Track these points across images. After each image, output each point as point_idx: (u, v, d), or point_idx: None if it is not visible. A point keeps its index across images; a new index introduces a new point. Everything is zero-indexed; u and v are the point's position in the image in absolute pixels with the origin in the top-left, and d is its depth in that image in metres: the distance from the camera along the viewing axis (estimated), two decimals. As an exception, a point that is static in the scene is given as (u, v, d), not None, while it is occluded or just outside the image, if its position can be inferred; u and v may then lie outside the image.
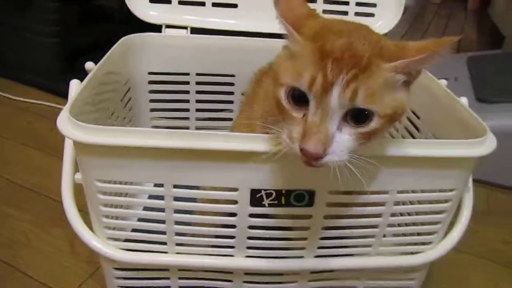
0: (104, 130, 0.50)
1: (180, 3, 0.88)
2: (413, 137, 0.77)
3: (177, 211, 0.57)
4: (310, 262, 0.62)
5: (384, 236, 0.62)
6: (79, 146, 0.53)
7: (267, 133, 0.53)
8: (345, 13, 0.91)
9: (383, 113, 0.45)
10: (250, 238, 0.59)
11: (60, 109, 0.53)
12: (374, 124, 0.45)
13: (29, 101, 1.26)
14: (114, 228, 0.60)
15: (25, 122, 1.18)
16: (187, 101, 0.92)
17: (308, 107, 0.44)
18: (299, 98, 0.45)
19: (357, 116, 0.44)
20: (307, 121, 0.44)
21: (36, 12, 1.22)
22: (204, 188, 0.57)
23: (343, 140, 0.45)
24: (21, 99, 1.28)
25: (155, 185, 0.56)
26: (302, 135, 0.44)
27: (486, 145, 0.56)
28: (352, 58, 0.43)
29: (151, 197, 0.58)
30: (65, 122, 0.51)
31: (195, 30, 0.89)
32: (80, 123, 0.50)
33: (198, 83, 0.90)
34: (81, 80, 0.63)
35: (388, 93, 0.45)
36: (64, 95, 0.64)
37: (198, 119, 0.94)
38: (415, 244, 0.64)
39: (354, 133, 0.45)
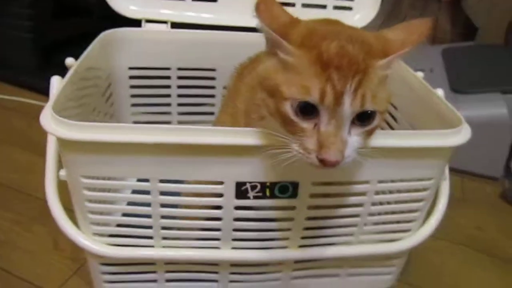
0: (88, 127, 0.50)
1: (159, -3, 0.87)
2: (392, 128, 0.80)
3: (163, 205, 0.58)
4: (294, 252, 0.64)
5: (365, 225, 0.64)
6: (63, 143, 0.53)
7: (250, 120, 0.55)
8: (324, 6, 0.92)
9: (383, 109, 0.47)
10: (235, 230, 0.60)
11: (37, 105, 0.53)
12: (376, 121, 0.47)
13: (5, 98, 1.24)
14: (100, 224, 0.60)
15: (3, 119, 1.16)
16: (169, 95, 0.92)
17: (316, 116, 0.45)
18: (306, 110, 0.45)
19: (362, 117, 0.46)
20: (321, 132, 0.45)
21: (10, 6, 1.19)
22: (190, 182, 0.58)
23: (353, 142, 0.47)
24: (-2, 96, 1.25)
25: (139, 180, 0.57)
26: (319, 146, 0.45)
27: (461, 135, 0.58)
28: (352, 64, 0.44)
29: (135, 191, 0.59)
30: (48, 119, 0.51)
31: (175, 25, 0.88)
32: (64, 120, 0.50)
33: (179, 77, 0.90)
34: (59, 75, 0.63)
35: (382, 89, 0.47)
36: (40, 90, 0.63)
37: (180, 113, 0.94)
38: (395, 232, 0.66)
39: (361, 133, 0.47)
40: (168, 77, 0.90)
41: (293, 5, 0.92)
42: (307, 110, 0.45)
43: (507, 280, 0.81)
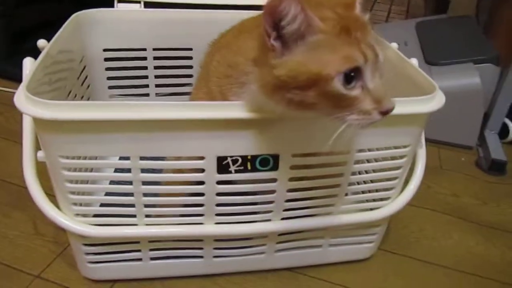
0: (64, 105, 0.50)
1: (131, -24, 0.86)
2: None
3: (145, 183, 0.58)
4: (277, 225, 0.65)
5: (346, 194, 0.65)
6: (40, 123, 0.52)
7: (227, 100, 0.55)
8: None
9: None
10: (218, 205, 0.61)
11: (9, 93, 0.52)
12: None
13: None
14: (81, 204, 0.60)
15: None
16: (146, 77, 0.91)
17: (359, 80, 0.46)
18: (349, 79, 0.45)
19: None
20: (371, 89, 0.47)
21: (-24, -9, 1.15)
22: (171, 159, 0.58)
23: None
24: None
25: (121, 158, 0.56)
26: (377, 101, 0.47)
27: (435, 101, 0.59)
28: (357, 21, 0.48)
29: (117, 170, 0.59)
30: (22, 100, 0.51)
31: (148, 4, 0.87)
32: (39, 99, 0.49)
33: (155, 58, 0.89)
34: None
35: None
36: (11, 77, 0.62)
37: (158, 94, 0.93)
38: (375, 200, 0.68)
39: None
40: (144, 58, 0.89)
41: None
42: (350, 78, 0.46)
43: (484, 243, 0.84)
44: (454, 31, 1.33)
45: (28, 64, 0.62)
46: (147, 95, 0.93)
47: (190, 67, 0.91)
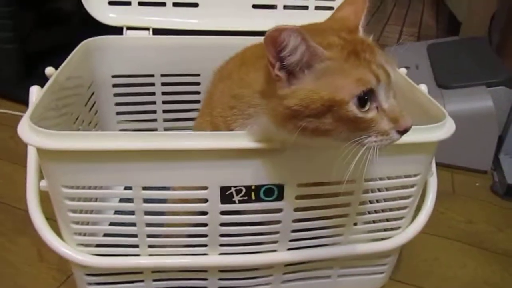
0: (66, 135, 0.49)
1: (140, 4, 0.87)
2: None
3: (147, 212, 0.57)
4: (283, 255, 0.63)
5: (354, 224, 0.63)
6: (43, 153, 0.52)
7: (231, 130, 0.54)
8: (306, 7, 0.92)
9: None
10: (222, 235, 0.60)
11: (21, 116, 0.52)
12: None
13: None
14: (83, 234, 0.59)
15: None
16: (154, 102, 0.91)
17: (374, 101, 0.46)
18: (363, 101, 0.45)
19: None
20: (387, 109, 0.47)
21: (-10, 18, 1.18)
22: (174, 188, 0.57)
23: None
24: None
25: (126, 188, 0.56)
26: (394, 121, 0.47)
27: (445, 129, 0.58)
28: (364, 43, 0.48)
29: (122, 200, 0.58)
30: (26, 129, 0.51)
31: (157, 31, 0.88)
32: (41, 129, 0.49)
33: (163, 84, 0.90)
34: (42, 86, 0.62)
35: None
36: (24, 101, 0.62)
37: (165, 120, 0.93)
38: (384, 230, 0.66)
39: None
40: (152, 84, 0.89)
41: (274, 7, 0.92)
42: (364, 101, 0.45)
43: (500, 272, 0.81)
44: (466, 53, 1.31)
45: (35, 92, 0.62)
46: (155, 120, 0.92)
47: (198, 92, 0.91)
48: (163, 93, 0.90)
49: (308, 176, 0.57)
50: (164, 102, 0.91)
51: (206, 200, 0.56)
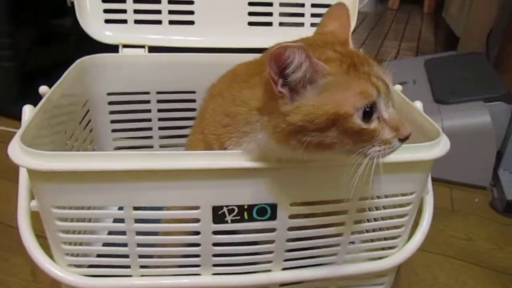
0: (55, 156, 0.49)
1: (136, 22, 0.87)
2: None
3: (139, 233, 0.56)
4: (277, 275, 0.62)
5: (349, 243, 0.62)
6: (32, 173, 0.51)
7: (225, 149, 0.54)
8: (301, 24, 0.93)
9: None
10: (215, 255, 0.59)
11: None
12: None
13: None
14: (74, 255, 0.58)
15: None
16: (149, 120, 0.91)
17: (375, 112, 0.47)
18: (365, 113, 0.46)
19: None
20: (388, 118, 0.48)
21: (-11, 36, 1.18)
22: (168, 208, 0.57)
23: None
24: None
25: (119, 208, 0.55)
26: (396, 129, 0.48)
27: (440, 147, 0.57)
28: (359, 56, 0.49)
29: (116, 220, 0.57)
30: (16, 149, 0.50)
31: (152, 48, 0.88)
32: (30, 149, 0.49)
33: (159, 101, 0.89)
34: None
35: None
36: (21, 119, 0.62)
37: (161, 137, 0.92)
38: (380, 249, 0.65)
39: None
40: (148, 101, 0.89)
41: (270, 24, 0.92)
42: (367, 113, 0.46)
43: (500, 291, 0.80)
44: (464, 68, 1.32)
45: (28, 112, 0.62)
46: (150, 137, 0.92)
47: (194, 109, 0.90)
48: (159, 110, 0.90)
49: (301, 195, 0.56)
50: (160, 119, 0.91)
51: (198, 220, 0.55)
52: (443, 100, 1.14)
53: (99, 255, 0.59)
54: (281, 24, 0.92)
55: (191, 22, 0.89)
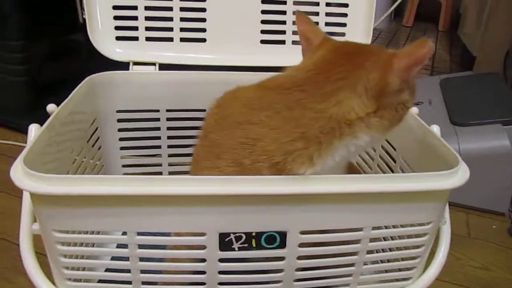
0: (57, 179, 0.47)
1: (147, 39, 0.86)
2: (389, 167, 0.76)
3: (142, 259, 0.54)
4: (286, 306, 0.59)
5: (362, 274, 0.59)
6: (34, 196, 0.50)
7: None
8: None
9: None
10: (221, 283, 0.56)
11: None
12: None
13: (-6, 141, 1.23)
14: (76, 280, 0.56)
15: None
16: (159, 137, 0.89)
17: None
18: None
19: None
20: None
21: (1, 51, 1.19)
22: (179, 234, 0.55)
23: None
24: (-16, 138, 1.24)
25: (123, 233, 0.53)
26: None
27: (459, 176, 0.54)
28: None
29: (119, 245, 0.55)
30: (18, 171, 0.49)
31: (163, 65, 0.87)
32: (32, 172, 0.47)
33: (168, 119, 0.88)
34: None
35: None
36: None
37: (170, 155, 0.91)
38: (394, 280, 0.62)
39: None
40: (157, 119, 0.88)
41: (283, 42, 0.91)
42: None
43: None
44: (481, 89, 1.28)
45: (34, 131, 0.61)
46: (159, 155, 0.91)
47: (203, 128, 0.89)
48: (168, 128, 0.89)
49: (312, 223, 0.54)
50: (169, 137, 0.89)
51: (204, 247, 0.53)
52: (460, 122, 1.11)
53: (101, 281, 0.57)
54: (294, 42, 0.91)
55: (203, 40, 0.88)
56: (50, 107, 0.65)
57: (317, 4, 0.89)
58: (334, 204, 0.53)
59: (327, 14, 0.90)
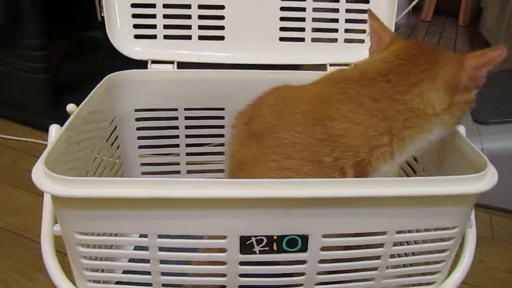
0: (78, 182, 0.47)
1: (165, 37, 0.86)
2: (411, 167, 0.75)
3: (163, 261, 0.54)
4: (307, 309, 0.58)
5: (385, 278, 0.58)
6: (55, 199, 0.50)
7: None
8: (335, 40, 0.90)
9: None
10: (241, 287, 0.56)
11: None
12: None
13: (14, 139, 1.24)
14: (97, 281, 0.56)
15: (9, 161, 1.16)
16: (177, 136, 0.89)
17: None
18: None
19: None
20: None
21: (22, 49, 1.20)
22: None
23: None
24: (5, 136, 1.25)
25: (141, 235, 0.53)
26: None
27: (487, 180, 0.53)
28: None
29: (137, 248, 0.55)
30: (39, 173, 0.49)
31: (181, 64, 0.86)
32: (53, 174, 0.47)
33: (187, 117, 0.88)
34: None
35: None
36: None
37: (188, 154, 0.91)
38: (418, 285, 0.61)
39: None
40: (175, 118, 0.87)
41: (302, 40, 0.89)
42: None
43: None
44: (504, 86, 1.25)
45: (54, 132, 0.61)
46: (177, 154, 0.90)
47: (222, 127, 0.88)
48: (187, 127, 0.88)
49: (334, 227, 0.53)
50: (187, 136, 0.89)
51: (224, 250, 0.53)
52: (482, 120, 1.08)
53: (119, 282, 0.57)
54: (313, 40, 0.89)
55: (221, 38, 0.87)
56: (70, 107, 0.65)
57: (337, 0, 0.87)
58: (357, 208, 0.51)
59: (347, 11, 0.88)
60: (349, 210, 0.51)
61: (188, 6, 0.85)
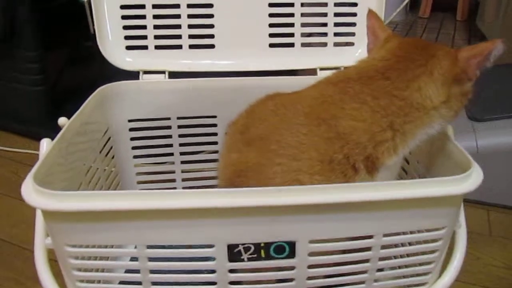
0: (67, 196, 0.48)
1: (156, 47, 0.87)
2: (404, 170, 0.75)
3: (153, 271, 0.54)
4: (298, 315, 0.59)
5: (375, 281, 0.59)
6: (45, 212, 0.51)
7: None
8: (324, 44, 0.90)
9: None
10: (232, 294, 0.56)
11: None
12: None
13: (14, 150, 1.25)
14: (91, 293, 0.57)
15: (9, 172, 1.17)
16: (171, 145, 0.90)
17: None
18: None
19: None
20: None
21: (19, 62, 1.21)
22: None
23: None
24: (5, 148, 1.27)
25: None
26: None
27: (471, 180, 0.53)
28: None
29: (133, 259, 0.56)
30: (29, 188, 0.50)
31: (172, 73, 0.87)
32: (42, 189, 0.48)
33: (180, 126, 0.88)
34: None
35: None
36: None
37: (183, 162, 0.92)
38: (410, 286, 0.61)
39: None
40: (169, 127, 0.88)
41: (292, 45, 0.90)
42: None
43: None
44: (500, 82, 1.25)
45: (45, 146, 0.62)
46: (172, 163, 0.91)
47: (215, 134, 0.89)
48: (180, 136, 0.89)
49: (321, 232, 0.53)
50: (181, 144, 0.90)
51: (213, 258, 0.53)
52: (477, 117, 1.08)
53: (114, 292, 0.58)
54: (303, 45, 0.90)
55: (212, 46, 0.88)
56: (61, 120, 0.66)
57: (325, 4, 0.88)
58: (343, 212, 0.52)
59: (336, 15, 0.88)
60: (335, 215, 0.52)
61: (178, 16, 0.85)
